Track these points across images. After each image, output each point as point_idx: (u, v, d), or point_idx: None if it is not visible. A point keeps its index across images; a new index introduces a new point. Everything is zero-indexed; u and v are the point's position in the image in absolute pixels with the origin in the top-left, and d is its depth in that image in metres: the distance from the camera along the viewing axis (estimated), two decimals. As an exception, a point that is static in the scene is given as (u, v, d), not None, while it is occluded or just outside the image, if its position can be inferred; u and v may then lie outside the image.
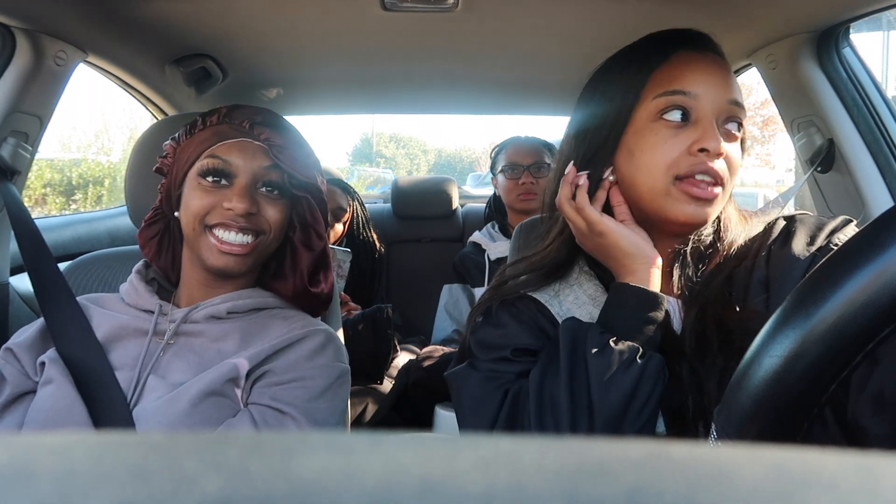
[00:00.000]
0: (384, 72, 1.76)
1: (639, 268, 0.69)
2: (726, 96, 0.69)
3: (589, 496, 0.13)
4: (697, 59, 0.70)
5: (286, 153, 0.86)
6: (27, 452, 0.15)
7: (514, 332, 0.73)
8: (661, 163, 0.68)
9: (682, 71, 0.69)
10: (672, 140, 0.68)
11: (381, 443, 0.16)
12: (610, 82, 0.74)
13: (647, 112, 0.69)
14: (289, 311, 0.92)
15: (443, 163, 29.06)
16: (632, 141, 0.70)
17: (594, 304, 0.73)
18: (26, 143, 1.22)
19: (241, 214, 0.83)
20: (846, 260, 0.34)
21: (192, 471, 0.14)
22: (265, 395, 0.81)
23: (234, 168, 0.85)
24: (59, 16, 1.14)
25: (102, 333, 0.85)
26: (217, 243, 0.83)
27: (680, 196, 0.68)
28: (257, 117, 0.87)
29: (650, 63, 0.71)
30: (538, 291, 0.76)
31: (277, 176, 0.87)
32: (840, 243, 0.68)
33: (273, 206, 0.87)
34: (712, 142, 0.66)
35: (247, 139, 0.86)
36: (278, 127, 0.88)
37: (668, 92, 0.68)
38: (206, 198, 0.84)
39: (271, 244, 0.89)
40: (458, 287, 1.86)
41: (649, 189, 0.69)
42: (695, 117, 0.68)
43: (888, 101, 1.26)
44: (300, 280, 0.93)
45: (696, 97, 0.68)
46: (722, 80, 0.69)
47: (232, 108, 0.89)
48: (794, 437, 0.35)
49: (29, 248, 0.97)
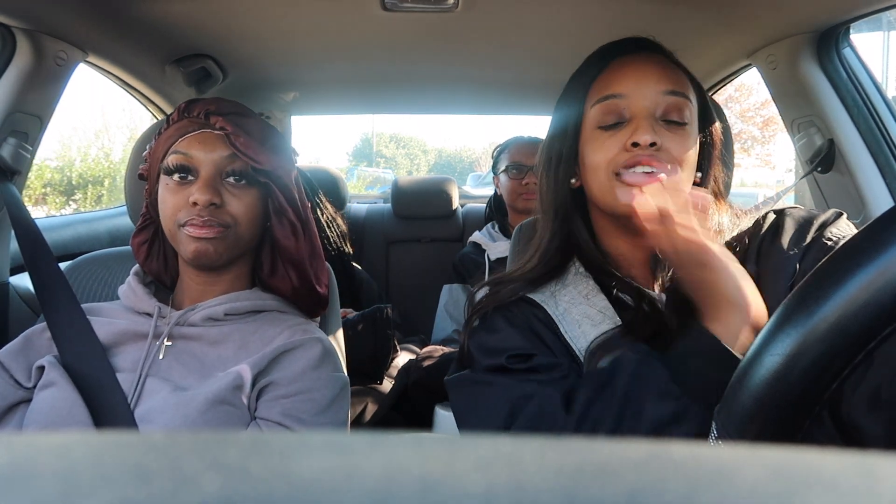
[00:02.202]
0: (384, 72, 1.75)
1: (732, 320, 0.61)
2: (660, 88, 0.71)
3: (589, 496, 0.13)
4: (629, 61, 0.74)
5: (242, 139, 0.84)
6: (27, 452, 0.15)
7: (509, 335, 0.73)
8: (602, 163, 0.72)
9: (615, 76, 0.73)
10: (610, 141, 0.72)
11: (381, 443, 0.16)
12: (564, 96, 0.79)
13: (589, 121, 0.74)
14: (287, 315, 0.92)
15: (443, 163, 29.06)
16: (583, 150, 0.75)
17: (588, 304, 0.73)
18: (26, 143, 1.22)
19: (204, 206, 0.82)
20: (848, 259, 0.34)
21: (192, 471, 0.14)
22: (274, 409, 0.80)
23: (195, 161, 0.84)
24: (59, 16, 1.14)
25: (102, 340, 0.85)
26: (187, 237, 0.84)
27: (621, 187, 0.70)
28: (211, 106, 0.86)
29: (590, 73, 0.76)
30: (534, 292, 0.76)
31: (241, 164, 0.86)
32: (833, 237, 0.69)
33: (239, 197, 0.86)
34: (643, 135, 0.69)
35: (205, 129, 0.85)
36: (235, 114, 0.87)
37: (602, 98, 0.73)
38: (174, 197, 0.84)
39: (243, 235, 0.87)
40: (458, 287, 1.86)
41: (598, 189, 0.73)
42: (629, 116, 0.72)
43: (888, 101, 1.26)
44: (294, 274, 0.92)
45: (627, 97, 0.71)
46: (654, 74, 0.72)
47: (190, 101, 0.88)
48: (794, 435, 0.35)
49: (29, 248, 0.97)
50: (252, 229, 0.89)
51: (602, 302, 0.73)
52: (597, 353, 0.69)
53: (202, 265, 0.87)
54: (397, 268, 2.34)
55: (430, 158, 29.44)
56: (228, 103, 0.88)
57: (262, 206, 0.89)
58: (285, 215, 0.89)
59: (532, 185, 1.82)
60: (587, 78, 0.76)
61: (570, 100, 0.77)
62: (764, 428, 0.36)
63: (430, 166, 28.84)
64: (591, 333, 0.71)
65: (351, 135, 62.68)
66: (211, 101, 0.87)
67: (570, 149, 0.76)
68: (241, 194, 0.86)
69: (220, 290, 0.89)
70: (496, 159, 1.97)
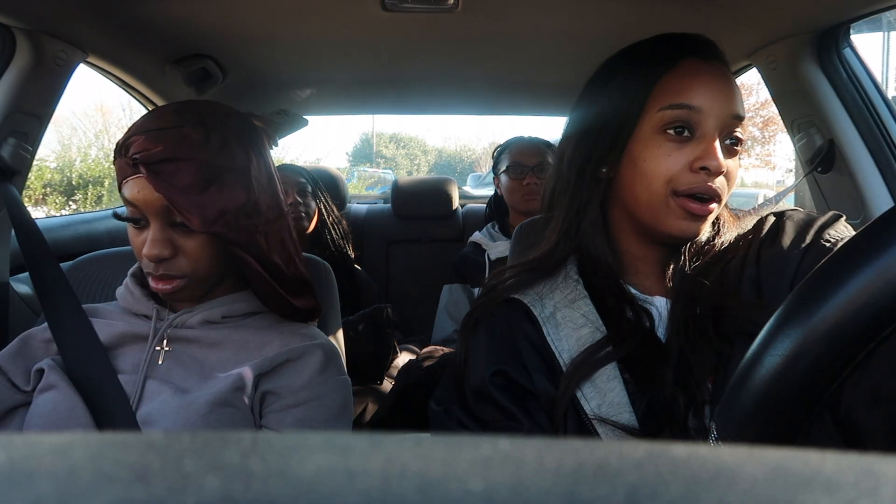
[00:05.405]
0: (384, 72, 1.75)
1: None
2: (730, 111, 0.68)
3: (589, 496, 0.13)
4: (704, 70, 0.69)
5: (175, 195, 0.74)
6: (27, 452, 0.15)
7: (490, 348, 0.73)
8: (661, 176, 0.68)
9: (689, 83, 0.68)
10: (675, 154, 0.67)
11: (381, 443, 0.16)
12: (615, 86, 0.72)
13: (651, 123, 0.69)
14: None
15: (443, 163, 29.04)
16: (635, 150, 0.70)
17: (572, 307, 0.72)
18: (26, 143, 1.22)
19: (156, 261, 0.78)
20: (848, 259, 0.34)
21: (192, 471, 0.14)
22: (286, 420, 0.80)
23: (141, 210, 0.78)
24: (59, 16, 1.14)
25: (102, 342, 0.84)
26: (152, 284, 0.81)
27: (677, 210, 0.68)
28: (140, 152, 0.75)
29: (657, 70, 0.69)
30: (523, 293, 0.75)
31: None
32: (831, 239, 0.69)
33: (191, 247, 0.79)
34: (714, 161, 0.66)
35: (140, 175, 0.76)
36: (166, 160, 0.75)
37: (673, 105, 0.67)
38: (135, 240, 0.81)
39: (207, 276, 0.83)
40: (458, 287, 1.86)
41: (647, 199, 0.69)
42: (699, 133, 0.68)
43: (888, 102, 1.26)
44: (261, 282, 0.84)
45: (700, 112, 0.67)
46: (727, 94, 0.69)
47: (127, 137, 0.78)
48: (795, 436, 0.35)
49: (30, 248, 0.97)
50: (214, 267, 0.83)
51: (587, 306, 0.72)
52: (576, 376, 0.67)
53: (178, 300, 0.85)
54: (397, 268, 2.34)
55: (430, 159, 29.42)
56: (152, 138, 0.75)
57: (220, 243, 0.80)
58: (243, 261, 0.82)
59: (533, 185, 1.81)
60: (653, 74, 0.69)
61: (627, 92, 0.70)
62: (764, 428, 0.36)
63: (430, 166, 28.83)
64: (572, 337, 0.70)
65: (351, 135, 62.71)
66: (145, 139, 0.76)
67: (618, 142, 0.71)
68: (193, 244, 0.79)
69: (217, 292, 0.89)
70: (497, 159, 1.97)
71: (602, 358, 0.68)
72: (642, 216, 0.71)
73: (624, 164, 0.71)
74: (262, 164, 0.84)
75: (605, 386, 0.67)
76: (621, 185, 0.72)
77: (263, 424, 0.81)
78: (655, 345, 0.69)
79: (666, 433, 0.66)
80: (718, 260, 0.72)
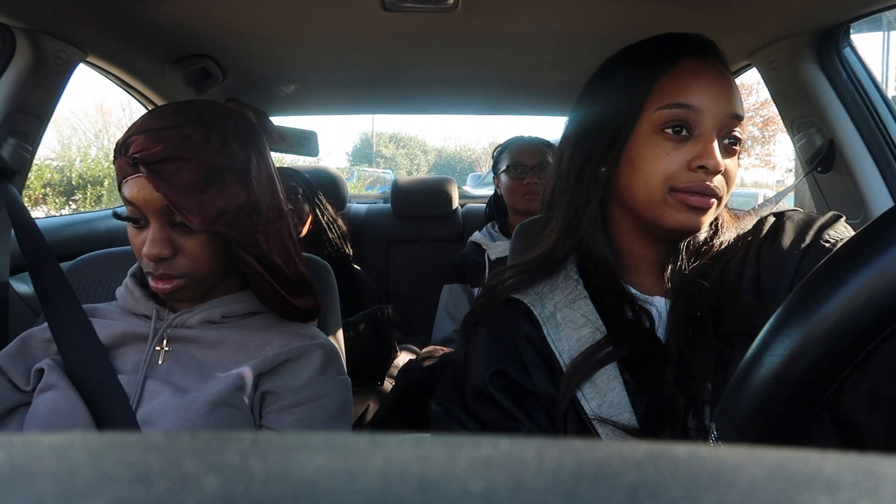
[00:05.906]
0: (384, 72, 1.75)
1: None
2: (729, 111, 0.68)
3: (589, 496, 0.13)
4: (703, 69, 0.69)
5: (175, 194, 0.74)
6: (27, 452, 0.15)
7: (490, 348, 0.73)
8: (659, 174, 0.68)
9: (688, 82, 0.68)
10: (672, 153, 0.68)
11: (381, 443, 0.16)
12: (614, 86, 0.73)
13: (649, 122, 0.69)
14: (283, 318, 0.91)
15: (443, 163, 29.03)
16: (633, 149, 0.70)
17: (572, 307, 0.72)
18: (26, 143, 1.22)
19: (155, 261, 0.78)
20: (848, 259, 0.34)
21: (192, 471, 0.14)
22: (286, 420, 0.80)
23: (141, 209, 0.78)
24: (59, 16, 1.14)
25: (102, 342, 0.84)
26: (152, 284, 0.81)
27: (675, 204, 0.68)
28: (141, 151, 0.75)
29: (656, 70, 0.70)
30: (523, 293, 0.75)
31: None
32: (831, 239, 0.69)
33: (190, 246, 0.79)
34: (711, 160, 0.66)
35: (140, 175, 0.76)
36: (166, 160, 0.75)
37: (671, 104, 0.68)
38: (135, 239, 0.81)
39: (208, 275, 0.83)
40: (458, 287, 1.86)
41: (645, 197, 0.69)
42: (697, 132, 0.68)
43: (888, 101, 1.26)
44: (261, 282, 0.84)
45: (698, 111, 0.67)
46: (726, 93, 0.69)
47: (127, 135, 0.78)
48: (795, 436, 0.35)
49: (30, 248, 0.97)
50: (214, 266, 0.82)
51: (587, 306, 0.72)
52: (576, 377, 0.67)
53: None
54: (397, 268, 2.34)
55: (430, 158, 29.40)
56: (152, 138, 0.75)
57: (220, 243, 0.80)
58: (243, 261, 0.82)
59: (533, 184, 1.81)
60: (652, 73, 0.70)
61: (626, 92, 0.71)
62: (764, 428, 0.36)
63: (430, 166, 28.81)
64: (572, 337, 0.70)
65: (350, 135, 62.69)
66: (145, 138, 0.75)
67: (616, 141, 0.71)
68: (193, 243, 0.79)
69: (217, 292, 0.89)
70: (497, 159, 1.97)
71: (602, 358, 0.68)
72: (642, 213, 0.71)
73: (623, 163, 0.71)
74: (262, 163, 0.84)
75: (605, 386, 0.67)
76: (620, 185, 0.72)
77: (263, 424, 0.81)
78: (655, 345, 0.69)
79: (666, 433, 0.65)
80: (718, 260, 0.72)
